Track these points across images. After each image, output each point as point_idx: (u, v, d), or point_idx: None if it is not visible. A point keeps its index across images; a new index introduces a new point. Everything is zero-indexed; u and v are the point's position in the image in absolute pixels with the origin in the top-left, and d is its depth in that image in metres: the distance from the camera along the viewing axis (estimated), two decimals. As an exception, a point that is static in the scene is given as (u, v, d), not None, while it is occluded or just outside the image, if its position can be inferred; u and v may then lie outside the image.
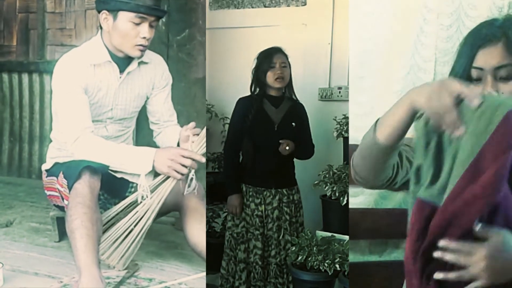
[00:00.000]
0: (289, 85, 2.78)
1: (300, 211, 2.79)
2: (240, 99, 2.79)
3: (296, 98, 2.82)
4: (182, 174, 2.00)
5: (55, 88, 2.12)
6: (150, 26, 2.05)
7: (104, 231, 2.00)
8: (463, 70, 1.35)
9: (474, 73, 1.33)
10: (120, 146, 2.12)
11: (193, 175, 2.04)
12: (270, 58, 2.70)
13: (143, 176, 2.00)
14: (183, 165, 1.99)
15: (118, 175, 2.09)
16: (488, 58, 1.31)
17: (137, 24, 2.03)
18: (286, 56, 2.74)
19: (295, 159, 2.82)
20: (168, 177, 2.02)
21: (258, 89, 2.77)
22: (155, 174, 2.05)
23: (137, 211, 2.00)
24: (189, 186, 2.07)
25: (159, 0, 2.07)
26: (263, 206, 2.70)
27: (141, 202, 2.01)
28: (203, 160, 2.03)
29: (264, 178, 2.71)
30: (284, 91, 2.78)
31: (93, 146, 2.04)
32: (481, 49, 1.32)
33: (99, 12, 2.09)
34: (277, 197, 2.71)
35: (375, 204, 2.34)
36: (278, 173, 2.71)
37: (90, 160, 2.02)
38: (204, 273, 2.09)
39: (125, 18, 2.02)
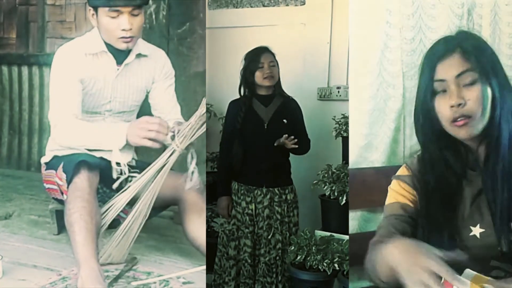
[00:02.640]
0: (278, 82, 2.77)
1: (294, 211, 2.77)
2: (231, 102, 2.81)
3: (287, 95, 2.81)
4: (157, 141, 1.97)
5: (51, 75, 2.13)
6: (132, 15, 2.05)
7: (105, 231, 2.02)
8: (426, 86, 1.41)
9: (437, 86, 1.39)
10: (95, 124, 2.11)
11: (194, 167, 2.02)
12: (257, 58, 2.70)
13: (116, 151, 1.97)
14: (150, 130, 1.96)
15: (97, 154, 2.07)
16: (447, 69, 1.38)
17: (116, 17, 2.04)
18: (273, 55, 2.74)
19: (291, 158, 2.82)
20: (160, 170, 2.00)
21: (247, 90, 2.77)
22: (141, 166, 2.05)
23: (137, 209, 2.01)
24: (191, 180, 2.06)
25: None
26: (253, 204, 2.71)
27: (138, 198, 2.00)
28: (165, 125, 1.99)
29: (255, 177, 2.72)
30: (274, 89, 2.77)
31: (70, 128, 2.04)
32: (439, 63, 1.39)
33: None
34: (268, 196, 2.71)
35: (359, 228, 2.32)
36: (270, 172, 2.71)
37: (71, 143, 2.04)
38: (204, 267, 2.09)
39: (103, 13, 2.05)
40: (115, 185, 2.04)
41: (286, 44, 2.87)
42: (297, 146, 2.66)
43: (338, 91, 3.16)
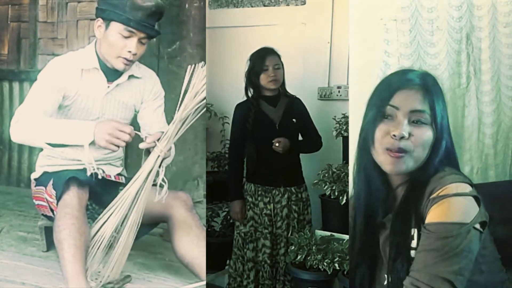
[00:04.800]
0: (283, 83, 2.83)
1: (308, 209, 2.83)
2: (237, 105, 2.85)
3: (291, 94, 2.86)
4: (119, 147, 1.93)
5: (35, 81, 2.12)
6: (140, 42, 2.08)
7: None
8: (378, 107, 1.42)
9: (388, 110, 1.41)
10: (60, 120, 2.06)
11: (162, 181, 2.01)
12: (263, 60, 2.75)
13: (86, 147, 1.90)
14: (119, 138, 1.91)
15: (62, 149, 2.06)
16: (405, 99, 1.40)
17: (126, 37, 2.05)
18: (279, 56, 2.79)
19: (301, 157, 2.87)
20: (148, 177, 1.99)
21: (253, 92, 2.82)
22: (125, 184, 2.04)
23: (131, 220, 2.00)
24: (159, 193, 2.03)
25: (153, 19, 2.08)
26: (272, 204, 2.74)
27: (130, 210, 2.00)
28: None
29: (272, 177, 2.77)
30: (279, 89, 2.82)
31: (31, 124, 1.97)
32: (399, 91, 1.41)
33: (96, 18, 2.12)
34: (286, 196, 2.75)
35: None
36: (285, 171, 2.77)
37: (31, 140, 1.99)
38: (204, 282, 2.09)
39: (116, 29, 2.05)
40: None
41: (286, 43, 2.90)
42: (280, 149, 2.69)
43: (339, 91, 3.19)
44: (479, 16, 2.29)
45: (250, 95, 2.84)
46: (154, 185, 2.09)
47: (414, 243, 1.36)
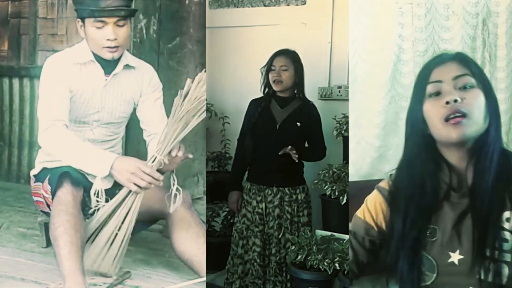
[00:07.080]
0: (298, 85, 2.82)
1: (304, 211, 2.79)
2: (251, 100, 2.87)
3: (308, 100, 2.85)
4: (140, 187, 1.98)
5: (41, 81, 2.15)
6: (117, 26, 2.09)
7: (91, 239, 2.01)
8: (420, 89, 1.39)
9: (431, 88, 1.37)
10: (85, 144, 2.10)
11: (177, 191, 2.04)
12: (271, 60, 2.77)
13: (98, 179, 1.98)
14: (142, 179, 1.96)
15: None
16: (444, 72, 1.36)
17: (100, 28, 2.08)
18: (291, 58, 2.78)
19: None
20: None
21: (267, 90, 2.82)
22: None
23: (118, 215, 2.01)
24: (174, 202, 2.06)
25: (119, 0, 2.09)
26: (263, 203, 2.74)
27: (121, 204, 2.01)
28: (161, 179, 2.00)
29: (265, 176, 2.77)
30: (293, 92, 2.82)
31: (59, 139, 2.04)
32: (436, 68, 1.38)
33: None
34: (278, 196, 2.74)
35: None
36: (280, 172, 2.75)
37: (57, 153, 2.07)
38: (204, 278, 2.09)
39: (89, 24, 2.10)
40: (91, 211, 2.05)
41: (287, 43, 2.90)
42: (296, 157, 2.68)
43: (339, 91, 3.18)
44: (497, 1, 2.27)
45: (265, 92, 2.85)
46: None
47: (507, 225, 1.31)
